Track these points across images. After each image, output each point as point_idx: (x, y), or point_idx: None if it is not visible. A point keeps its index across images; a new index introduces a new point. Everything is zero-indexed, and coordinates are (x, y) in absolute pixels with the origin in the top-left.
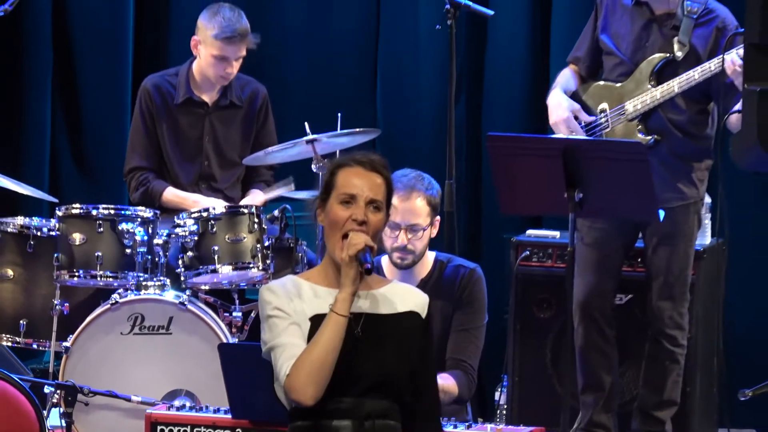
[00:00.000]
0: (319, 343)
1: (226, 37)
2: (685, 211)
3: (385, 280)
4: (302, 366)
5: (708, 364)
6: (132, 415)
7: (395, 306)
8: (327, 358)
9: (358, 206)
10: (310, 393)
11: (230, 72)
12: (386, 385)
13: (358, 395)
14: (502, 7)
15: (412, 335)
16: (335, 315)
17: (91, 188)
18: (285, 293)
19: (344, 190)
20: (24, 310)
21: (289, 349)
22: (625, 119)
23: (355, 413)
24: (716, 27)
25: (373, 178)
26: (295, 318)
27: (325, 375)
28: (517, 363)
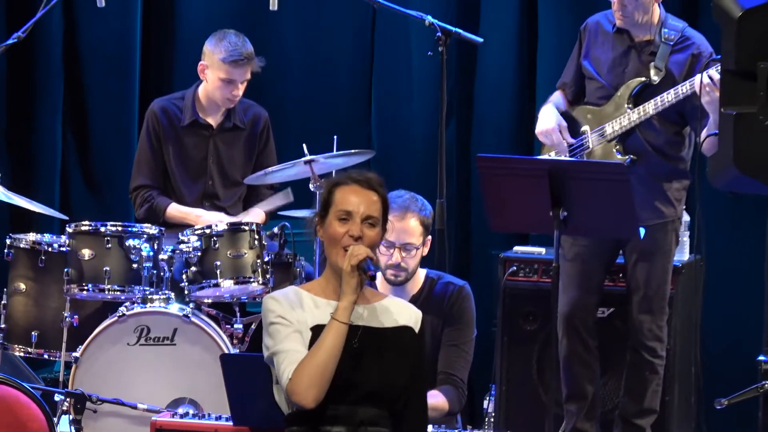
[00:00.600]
0: (321, 348)
1: (234, 60)
2: (663, 229)
3: (381, 294)
4: (305, 370)
5: (686, 374)
6: (138, 422)
7: (391, 320)
8: (328, 363)
9: (354, 222)
10: (312, 396)
11: (236, 94)
12: (379, 395)
13: (352, 403)
14: (491, 34)
15: (405, 349)
16: (336, 322)
17: (99, 206)
18: (287, 302)
19: (341, 207)
20: (36, 322)
21: (291, 354)
22: (605, 140)
23: (349, 420)
24: (692, 53)
25: (369, 196)
26: (297, 326)
27: (327, 379)
28: (504, 373)
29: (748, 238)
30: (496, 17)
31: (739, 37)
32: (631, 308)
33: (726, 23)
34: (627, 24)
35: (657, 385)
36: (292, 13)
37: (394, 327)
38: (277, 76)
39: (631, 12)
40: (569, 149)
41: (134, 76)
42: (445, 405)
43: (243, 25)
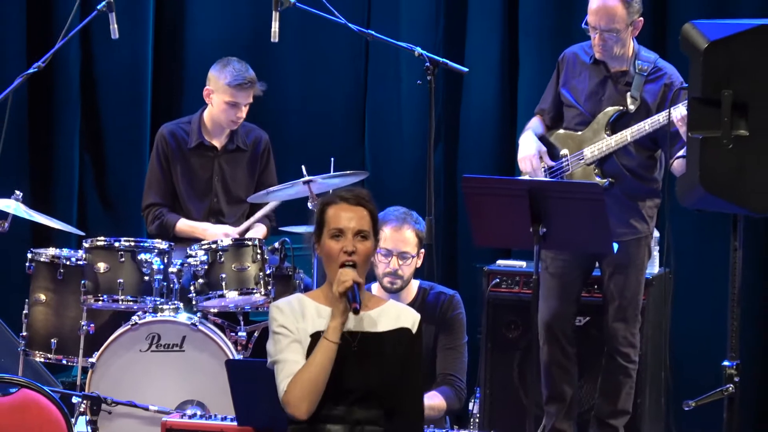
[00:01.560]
0: (312, 365)
1: (238, 84)
2: (636, 244)
3: (381, 300)
4: (297, 384)
5: (657, 378)
6: (149, 422)
7: (388, 324)
8: (318, 379)
9: (347, 238)
10: (304, 409)
11: (240, 116)
12: (376, 396)
13: (350, 404)
14: (476, 65)
15: (401, 350)
16: (326, 341)
17: (113, 223)
18: (290, 311)
19: (333, 225)
20: (55, 330)
21: (288, 366)
22: (584, 164)
23: (347, 419)
24: (664, 83)
25: (358, 211)
26: (297, 336)
27: (317, 393)
28: (488, 377)
29: (714, 252)
30: (480, 49)
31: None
32: (607, 317)
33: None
34: (605, 56)
35: (630, 388)
36: (292, 44)
37: (392, 330)
38: (277, 102)
39: (610, 46)
40: (550, 171)
41: (146, 103)
42: (442, 404)
43: (246, 55)
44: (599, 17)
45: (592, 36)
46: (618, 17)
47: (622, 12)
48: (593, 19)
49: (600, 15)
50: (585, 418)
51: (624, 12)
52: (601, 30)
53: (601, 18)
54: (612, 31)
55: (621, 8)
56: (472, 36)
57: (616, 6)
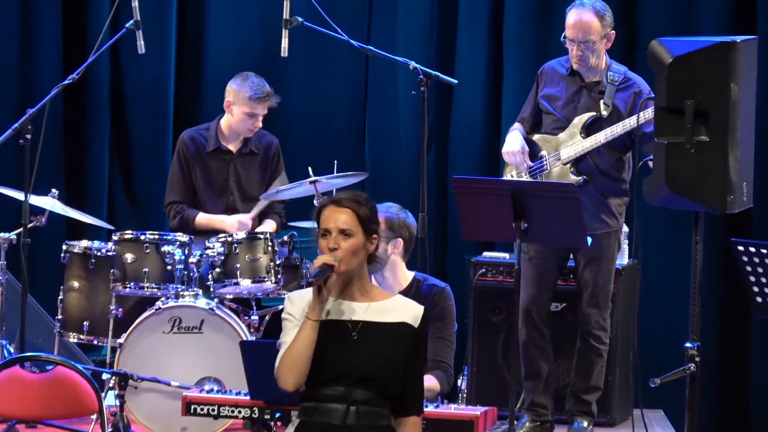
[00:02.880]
0: (295, 342)
1: (258, 97)
2: (608, 237)
3: (389, 294)
4: (283, 360)
5: (625, 357)
6: (171, 396)
7: (391, 316)
8: (301, 353)
9: (331, 237)
10: (290, 381)
11: (257, 125)
12: (372, 380)
13: (350, 385)
14: (464, 77)
15: (400, 341)
16: (307, 319)
17: (139, 218)
18: (299, 301)
19: (323, 225)
20: (87, 314)
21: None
22: (561, 163)
23: (346, 399)
24: (634, 92)
25: (343, 212)
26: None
27: (300, 366)
28: (475, 356)
29: (677, 245)
30: (468, 63)
31: (669, 80)
32: (581, 303)
33: (659, 68)
34: (582, 66)
35: (602, 366)
36: (300, 59)
37: (393, 322)
38: (286, 110)
39: (587, 56)
40: (530, 170)
41: (168, 111)
42: (436, 386)
43: (259, 68)
44: (576, 30)
45: (570, 48)
46: (593, 30)
47: (597, 25)
48: (571, 32)
49: (577, 28)
50: (561, 394)
51: (598, 25)
52: (578, 42)
53: (578, 31)
54: (588, 42)
55: (596, 22)
56: (461, 51)
57: (591, 20)
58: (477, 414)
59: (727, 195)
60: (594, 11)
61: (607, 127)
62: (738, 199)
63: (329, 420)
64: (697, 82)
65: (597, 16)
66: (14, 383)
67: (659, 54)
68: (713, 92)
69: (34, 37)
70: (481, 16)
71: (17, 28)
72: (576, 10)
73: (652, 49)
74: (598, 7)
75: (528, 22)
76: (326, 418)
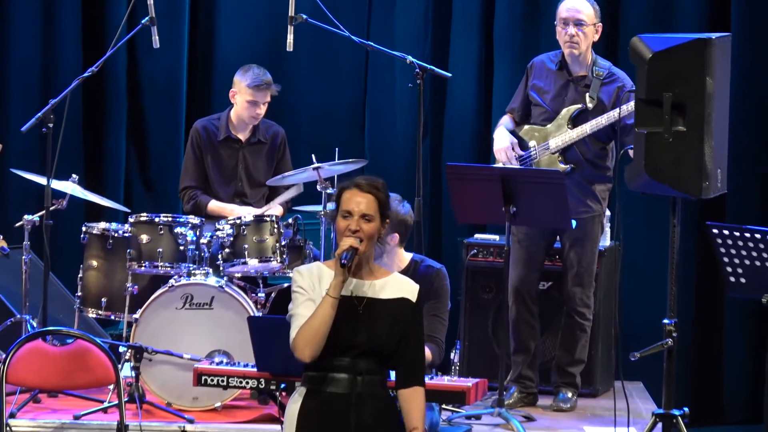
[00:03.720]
0: (314, 317)
1: (257, 85)
2: (592, 221)
3: (387, 272)
4: (302, 333)
5: (607, 333)
6: (184, 368)
7: (391, 293)
8: (320, 328)
9: (353, 219)
10: (307, 353)
11: (260, 113)
12: (375, 351)
13: (354, 357)
14: (457, 70)
15: (400, 315)
16: (327, 296)
17: (154, 202)
18: (309, 275)
19: (344, 207)
20: (105, 291)
21: (299, 319)
22: (549, 153)
23: (351, 369)
24: (618, 86)
25: (366, 197)
26: (311, 295)
27: (318, 340)
28: (467, 332)
29: (656, 228)
30: (461, 57)
31: (649, 74)
32: (566, 282)
33: (639, 63)
34: (573, 49)
35: (585, 341)
36: (304, 53)
37: (394, 298)
38: (292, 102)
39: (578, 41)
40: (520, 160)
41: (181, 102)
42: (429, 357)
43: (266, 62)
44: (571, 11)
45: (564, 31)
46: (586, 12)
47: (590, 11)
48: (566, 13)
49: (572, 10)
50: (547, 367)
51: (592, 11)
52: (572, 22)
53: (573, 12)
54: (581, 24)
55: (589, 7)
56: (454, 47)
57: (585, 4)
58: (469, 385)
59: (702, 181)
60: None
61: (593, 118)
62: (713, 186)
63: (336, 389)
64: (674, 76)
65: (590, 3)
66: (37, 355)
67: (640, 49)
68: (690, 86)
69: (56, 32)
70: (473, 14)
71: (40, 25)
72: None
73: (633, 44)
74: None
75: (517, 20)
76: (333, 388)
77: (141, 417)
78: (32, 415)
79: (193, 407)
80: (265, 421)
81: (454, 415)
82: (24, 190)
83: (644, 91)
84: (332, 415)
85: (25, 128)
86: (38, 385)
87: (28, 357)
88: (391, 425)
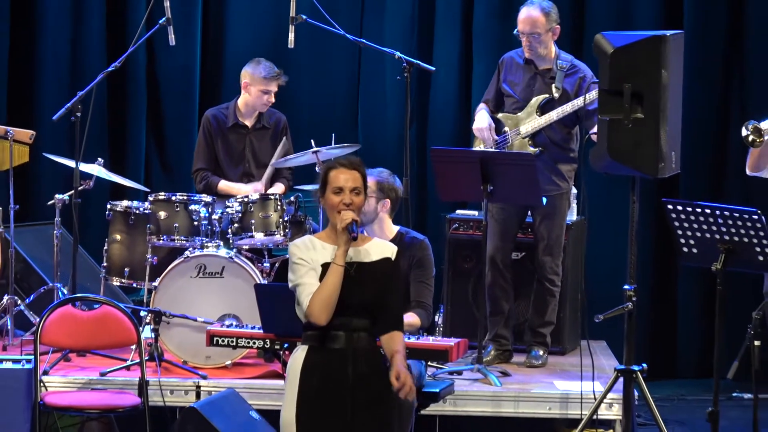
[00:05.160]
0: (326, 285)
1: (272, 76)
2: (560, 197)
3: (368, 238)
4: (316, 299)
5: (574, 297)
6: (198, 330)
7: (375, 255)
8: (332, 295)
9: (345, 194)
10: (324, 318)
11: (271, 100)
12: (368, 309)
13: (350, 315)
14: (440, 64)
15: (386, 275)
16: (335, 266)
17: (170, 182)
18: (305, 247)
19: (335, 184)
20: (127, 262)
21: (308, 287)
22: (520, 137)
23: (347, 327)
24: (579, 77)
25: (353, 174)
26: (312, 265)
27: (332, 305)
28: (449, 297)
29: (617, 204)
30: (444, 52)
31: (611, 67)
32: (537, 252)
33: (602, 57)
34: (532, 55)
35: (554, 305)
36: (304, 50)
37: (378, 260)
38: (292, 92)
39: (535, 46)
40: (495, 143)
41: (194, 93)
42: (417, 322)
43: (270, 58)
44: (525, 24)
45: (522, 40)
46: (539, 24)
47: (543, 20)
48: (521, 26)
49: (526, 23)
50: (521, 328)
51: (544, 20)
52: (527, 34)
53: (527, 24)
54: (535, 34)
55: (541, 18)
56: (438, 44)
57: (537, 16)
58: (451, 344)
59: (658, 162)
60: (540, 9)
61: (558, 107)
62: (668, 166)
63: (334, 345)
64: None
65: (543, 12)
66: (67, 319)
67: (603, 45)
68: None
69: (83, 31)
70: (454, 14)
71: (69, 25)
72: (526, 7)
73: (597, 41)
74: (544, 6)
75: (493, 19)
76: (333, 344)
77: (160, 374)
78: (63, 372)
79: (206, 365)
80: (270, 376)
81: (438, 371)
82: (55, 172)
83: (607, 82)
84: (332, 368)
85: (56, 117)
86: (68, 346)
87: (60, 321)
88: (384, 374)
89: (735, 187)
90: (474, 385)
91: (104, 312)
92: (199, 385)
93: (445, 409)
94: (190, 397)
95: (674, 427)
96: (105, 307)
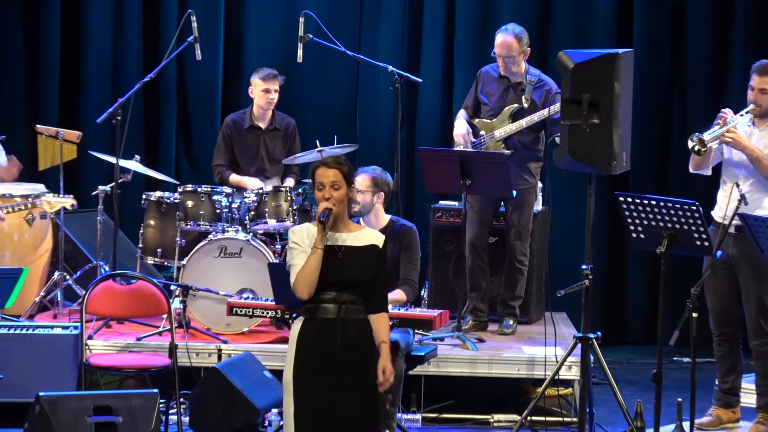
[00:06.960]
0: (307, 265)
1: (267, 76)
2: (528, 191)
3: (360, 226)
4: (299, 278)
5: (540, 275)
6: (220, 302)
7: (363, 241)
8: (312, 273)
9: (326, 189)
10: (305, 292)
11: (273, 99)
12: (354, 285)
13: (338, 290)
14: (426, 76)
15: (371, 258)
16: (314, 248)
17: (197, 176)
18: (300, 233)
19: (318, 180)
20: (160, 243)
21: (296, 268)
22: (494, 141)
23: (336, 300)
24: (546, 90)
25: (332, 171)
26: (305, 248)
27: (311, 281)
28: (433, 275)
29: (576, 196)
30: (429, 66)
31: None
32: (509, 237)
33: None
34: (507, 72)
35: (523, 282)
36: (311, 64)
37: (365, 245)
38: (300, 100)
39: (509, 66)
40: (473, 145)
41: (217, 101)
42: (403, 297)
43: (281, 70)
44: (501, 48)
45: (498, 60)
46: (513, 48)
47: (516, 45)
48: (498, 49)
49: (502, 47)
50: (494, 301)
51: (517, 45)
52: (503, 57)
53: (503, 49)
54: (509, 57)
55: (515, 43)
56: (424, 59)
57: (511, 42)
58: (435, 315)
59: (612, 161)
60: (514, 35)
61: (528, 115)
62: (619, 165)
63: (325, 315)
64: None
65: (516, 38)
66: (108, 292)
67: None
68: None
69: (123, 46)
70: (438, 34)
71: (111, 42)
72: (501, 33)
73: (559, 58)
74: (517, 32)
75: (471, 38)
76: (324, 314)
77: (187, 339)
78: (105, 337)
79: (226, 331)
80: (281, 341)
81: (423, 338)
82: (99, 167)
83: (568, 92)
84: (323, 335)
85: (99, 120)
86: (109, 315)
87: (102, 293)
88: (368, 340)
89: (677, 182)
90: (454, 350)
91: (140, 286)
92: (221, 349)
93: (429, 370)
94: (212, 359)
95: (624, 386)
96: (140, 282)
